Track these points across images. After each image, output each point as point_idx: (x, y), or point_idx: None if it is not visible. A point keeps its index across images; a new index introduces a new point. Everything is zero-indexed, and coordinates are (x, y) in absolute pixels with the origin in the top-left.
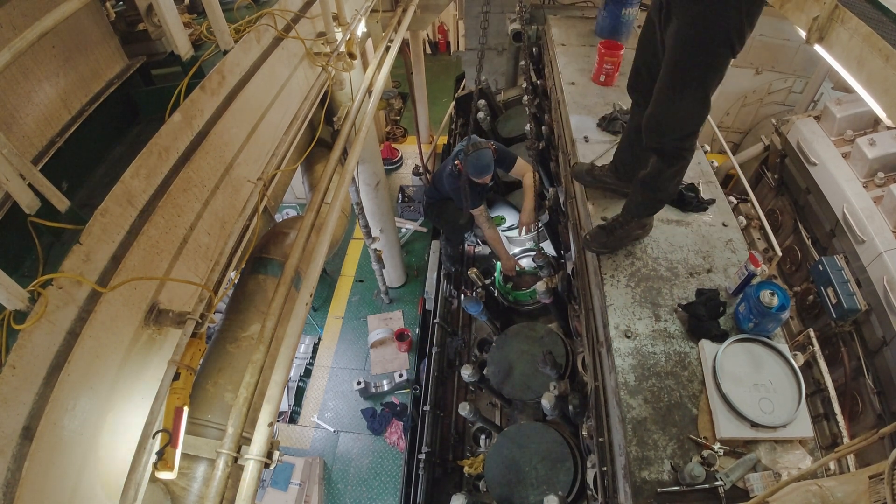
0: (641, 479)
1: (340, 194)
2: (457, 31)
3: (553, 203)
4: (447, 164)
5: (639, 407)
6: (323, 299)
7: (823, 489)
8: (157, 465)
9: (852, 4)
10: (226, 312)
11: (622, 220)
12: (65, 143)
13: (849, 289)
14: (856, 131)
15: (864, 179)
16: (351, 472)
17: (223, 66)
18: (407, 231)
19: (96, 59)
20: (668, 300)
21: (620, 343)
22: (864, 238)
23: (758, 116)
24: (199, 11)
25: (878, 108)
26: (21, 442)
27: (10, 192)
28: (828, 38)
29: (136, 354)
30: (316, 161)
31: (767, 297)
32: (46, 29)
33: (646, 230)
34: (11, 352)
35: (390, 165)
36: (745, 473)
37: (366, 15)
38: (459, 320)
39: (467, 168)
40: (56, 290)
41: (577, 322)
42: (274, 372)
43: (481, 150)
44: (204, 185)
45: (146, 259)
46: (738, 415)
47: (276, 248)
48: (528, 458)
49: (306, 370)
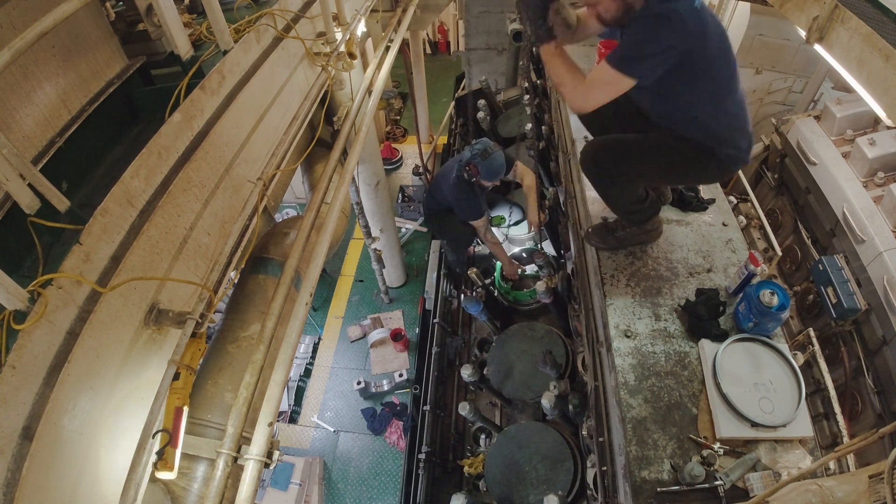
0: (641, 479)
1: (340, 194)
2: (457, 31)
3: (553, 203)
4: (449, 171)
5: (639, 406)
6: (323, 299)
7: (823, 489)
8: (157, 465)
9: (852, 4)
10: (226, 312)
11: (622, 223)
12: (65, 144)
13: (849, 288)
14: (856, 131)
15: (864, 179)
16: (351, 472)
17: (223, 66)
18: (407, 231)
19: (96, 59)
20: (668, 300)
21: (620, 343)
22: (864, 238)
23: (758, 116)
24: (199, 11)
25: (878, 107)
26: (21, 442)
27: (10, 192)
28: (828, 38)
29: (136, 354)
30: (316, 161)
31: (767, 296)
32: (46, 29)
33: (651, 236)
34: (11, 352)
35: (390, 165)
36: (745, 473)
37: (366, 15)
38: (459, 320)
39: (482, 172)
40: (56, 290)
41: (577, 322)
42: (274, 372)
43: (495, 153)
44: (204, 185)
45: (146, 259)
46: (738, 414)
47: (276, 248)
48: (528, 458)
49: (306, 370)
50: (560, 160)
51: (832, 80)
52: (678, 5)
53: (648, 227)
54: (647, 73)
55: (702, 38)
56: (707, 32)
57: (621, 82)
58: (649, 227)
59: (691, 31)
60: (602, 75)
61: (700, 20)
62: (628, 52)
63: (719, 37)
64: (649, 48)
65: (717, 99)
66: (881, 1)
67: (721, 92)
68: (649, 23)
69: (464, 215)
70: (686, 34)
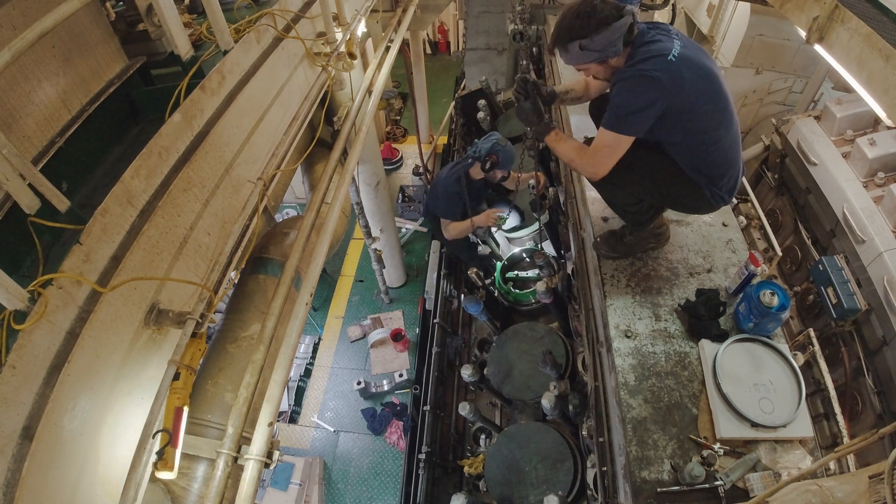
0: (641, 479)
1: (340, 194)
2: (457, 31)
3: (553, 203)
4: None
5: (639, 407)
6: (323, 299)
7: (823, 489)
8: (157, 464)
9: (852, 4)
10: (226, 312)
11: (629, 228)
12: (65, 143)
13: (849, 289)
14: (856, 131)
15: (864, 179)
16: (351, 472)
17: (223, 66)
18: (407, 231)
19: (96, 59)
20: (668, 300)
21: (620, 343)
22: (864, 238)
23: (758, 116)
24: (199, 11)
25: (878, 108)
26: (21, 442)
27: (10, 192)
28: (828, 38)
29: (136, 354)
30: (316, 161)
31: (767, 296)
32: (46, 29)
33: (659, 241)
34: (11, 352)
35: (390, 165)
36: (745, 473)
37: (366, 15)
38: (459, 320)
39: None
40: (56, 290)
41: (577, 322)
42: (274, 372)
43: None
44: (204, 185)
45: (146, 259)
46: (738, 415)
47: (276, 248)
48: (528, 458)
49: (306, 370)
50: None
51: (832, 80)
52: (651, 64)
53: (656, 230)
54: (639, 127)
55: (679, 91)
56: (684, 84)
57: (620, 141)
58: (656, 230)
59: (667, 87)
60: (603, 140)
61: (674, 74)
62: (618, 112)
63: (700, 82)
64: (634, 105)
65: (707, 139)
66: (881, 1)
67: (711, 130)
68: (629, 84)
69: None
70: (662, 90)
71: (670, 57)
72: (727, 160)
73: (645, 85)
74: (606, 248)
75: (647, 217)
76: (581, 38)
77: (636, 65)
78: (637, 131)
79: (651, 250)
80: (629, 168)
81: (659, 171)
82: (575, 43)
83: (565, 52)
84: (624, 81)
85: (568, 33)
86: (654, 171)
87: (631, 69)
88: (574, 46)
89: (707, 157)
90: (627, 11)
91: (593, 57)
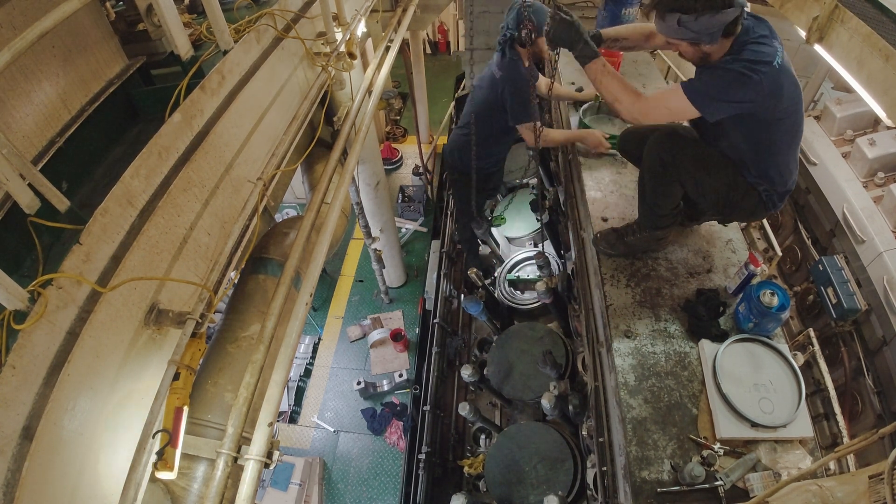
0: (641, 479)
1: (340, 194)
2: (457, 31)
3: (553, 203)
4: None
5: (639, 407)
6: (323, 299)
7: (823, 489)
8: (157, 465)
9: (852, 4)
10: (226, 312)
11: (634, 227)
12: (65, 143)
13: (849, 289)
14: (856, 131)
15: (864, 179)
16: (351, 472)
17: (223, 66)
18: (407, 231)
19: (96, 59)
20: (668, 300)
21: (620, 343)
22: (864, 238)
23: None
24: (199, 11)
25: (878, 108)
26: (21, 442)
27: (10, 192)
28: (828, 38)
29: (136, 354)
30: (316, 161)
31: (767, 296)
32: (46, 29)
33: (661, 244)
34: (11, 352)
35: (390, 165)
36: (745, 473)
37: (366, 15)
38: (459, 320)
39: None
40: (56, 290)
41: (577, 322)
42: (274, 372)
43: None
44: (204, 185)
45: (146, 259)
46: (738, 415)
47: (276, 248)
48: (528, 458)
49: (306, 370)
50: (560, 160)
51: (832, 80)
52: (759, 66)
53: (660, 234)
54: (715, 114)
55: (773, 101)
56: (781, 96)
57: (687, 112)
58: (661, 234)
59: (765, 93)
60: (672, 99)
61: (776, 83)
62: (708, 89)
63: (791, 99)
64: (728, 95)
65: (766, 154)
66: (881, 1)
67: (774, 151)
68: (731, 74)
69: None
70: (759, 95)
71: (775, 63)
72: (788, 169)
73: (747, 84)
74: (605, 244)
75: (668, 222)
76: (684, 12)
77: (744, 60)
78: (712, 116)
79: (652, 252)
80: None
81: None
82: (675, 15)
83: (661, 20)
84: (725, 70)
85: (674, 2)
86: (729, 173)
87: (739, 62)
88: (673, 18)
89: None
90: (738, 3)
91: (688, 35)
